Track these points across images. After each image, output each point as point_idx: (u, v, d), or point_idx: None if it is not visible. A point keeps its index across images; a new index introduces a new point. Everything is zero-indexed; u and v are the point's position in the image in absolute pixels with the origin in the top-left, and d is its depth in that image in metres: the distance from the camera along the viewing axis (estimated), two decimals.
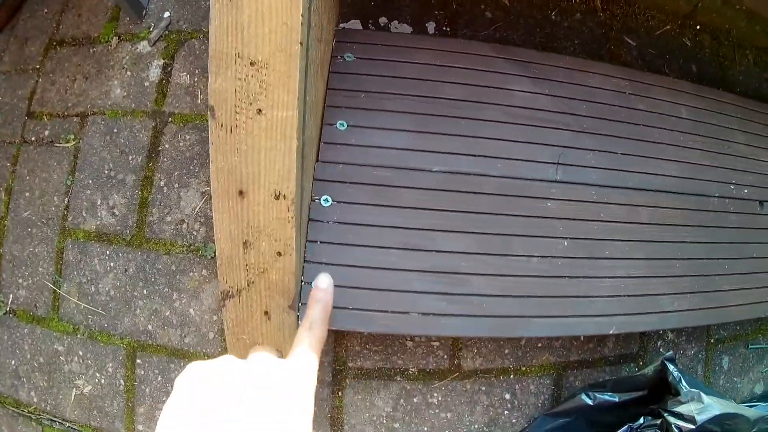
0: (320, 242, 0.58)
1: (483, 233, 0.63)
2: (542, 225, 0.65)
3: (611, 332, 0.64)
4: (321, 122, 0.64)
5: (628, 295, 0.66)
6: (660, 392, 0.71)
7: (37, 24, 0.94)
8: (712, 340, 0.94)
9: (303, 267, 0.57)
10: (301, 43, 0.42)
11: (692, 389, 0.66)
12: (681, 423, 0.65)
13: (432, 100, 0.67)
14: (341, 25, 0.79)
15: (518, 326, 0.61)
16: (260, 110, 0.43)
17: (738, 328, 0.97)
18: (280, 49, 0.42)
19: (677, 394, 0.67)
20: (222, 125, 0.44)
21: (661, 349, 0.89)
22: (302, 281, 0.56)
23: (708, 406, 0.67)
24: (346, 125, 0.64)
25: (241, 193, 0.47)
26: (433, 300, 0.59)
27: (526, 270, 0.62)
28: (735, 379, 0.97)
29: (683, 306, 0.69)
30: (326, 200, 0.60)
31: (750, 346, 1.01)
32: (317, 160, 0.62)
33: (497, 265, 0.62)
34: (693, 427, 0.65)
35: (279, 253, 0.49)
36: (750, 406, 0.83)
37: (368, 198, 0.61)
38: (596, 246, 0.66)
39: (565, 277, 0.63)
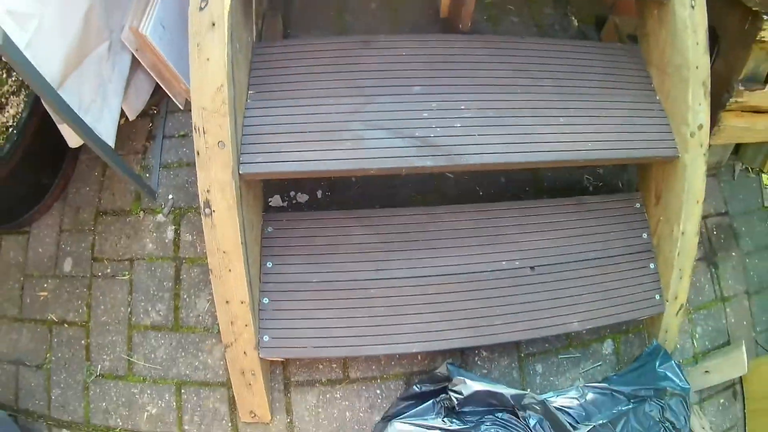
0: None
1: None
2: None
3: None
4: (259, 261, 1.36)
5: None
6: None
7: (84, 197, 1.58)
8: (523, 354, 1.47)
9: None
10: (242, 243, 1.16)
11: (459, 377, 1.43)
12: (455, 395, 1.41)
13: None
14: (269, 199, 1.52)
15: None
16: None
17: (547, 345, 1.49)
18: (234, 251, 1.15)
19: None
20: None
21: (478, 362, 1.48)
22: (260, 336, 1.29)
23: (470, 386, 1.25)
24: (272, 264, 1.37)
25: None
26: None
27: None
28: (552, 378, 1.47)
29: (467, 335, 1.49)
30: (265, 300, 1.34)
31: (560, 356, 1.50)
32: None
33: None
34: (462, 396, 1.33)
35: (246, 325, 1.23)
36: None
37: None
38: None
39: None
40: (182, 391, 1.46)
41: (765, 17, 1.44)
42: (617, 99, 1.42)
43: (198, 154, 1.15)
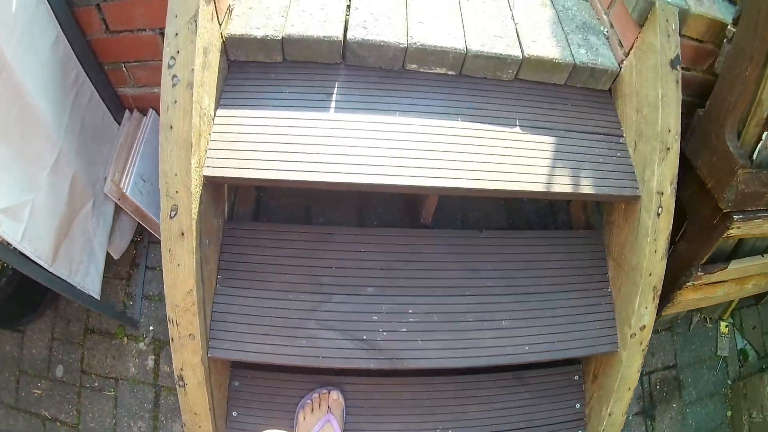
0: None
1: None
2: None
3: None
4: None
5: None
6: None
7: (73, 312, 1.83)
8: None
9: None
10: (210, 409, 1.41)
11: None
12: None
13: None
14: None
15: None
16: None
17: None
18: (203, 413, 1.41)
19: None
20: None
21: None
22: None
23: None
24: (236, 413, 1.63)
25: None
26: None
27: None
28: None
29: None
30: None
31: None
32: None
33: None
34: None
35: None
36: None
37: None
38: None
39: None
40: None
41: (735, 217, 1.53)
42: (568, 295, 1.55)
43: (172, 340, 1.37)
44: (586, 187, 1.39)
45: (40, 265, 1.34)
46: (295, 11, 1.43)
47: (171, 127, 1.22)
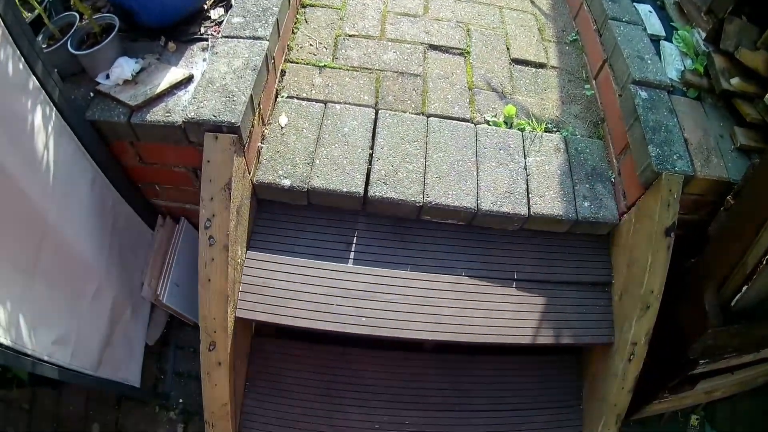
0: None
1: None
2: None
3: None
4: None
5: None
6: None
7: None
8: None
9: None
10: None
11: None
12: None
13: None
14: None
15: None
16: None
17: None
18: None
19: None
20: None
21: None
22: None
23: None
24: None
25: None
26: None
27: None
28: None
29: None
30: None
31: None
32: None
33: None
34: None
35: None
36: None
37: None
38: None
39: None
40: None
41: (701, 361, 1.77)
42: (543, 412, 1.87)
43: None
44: (567, 338, 1.66)
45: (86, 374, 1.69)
46: (320, 159, 1.68)
47: (209, 280, 1.51)
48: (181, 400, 2.15)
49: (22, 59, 1.18)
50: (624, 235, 1.73)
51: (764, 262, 1.54)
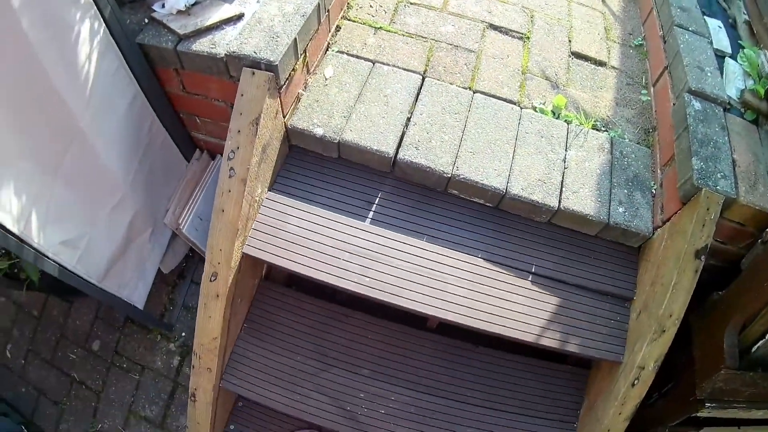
0: None
1: None
2: None
3: None
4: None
5: None
6: None
7: None
8: None
9: None
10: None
11: None
12: None
13: None
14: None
15: None
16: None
17: None
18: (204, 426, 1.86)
19: None
20: None
21: None
22: None
23: None
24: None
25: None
26: None
27: None
28: None
29: None
30: None
31: None
32: None
33: None
34: None
35: None
36: None
37: None
38: None
39: None
40: None
41: (707, 404, 1.65)
42: (535, 421, 1.81)
43: (193, 366, 1.78)
44: (573, 346, 1.60)
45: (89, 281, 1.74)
46: (357, 114, 1.69)
47: (223, 211, 1.54)
48: (183, 333, 2.21)
49: None
50: (654, 251, 1.66)
51: None
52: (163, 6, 1.60)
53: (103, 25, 1.42)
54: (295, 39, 1.55)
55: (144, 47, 1.59)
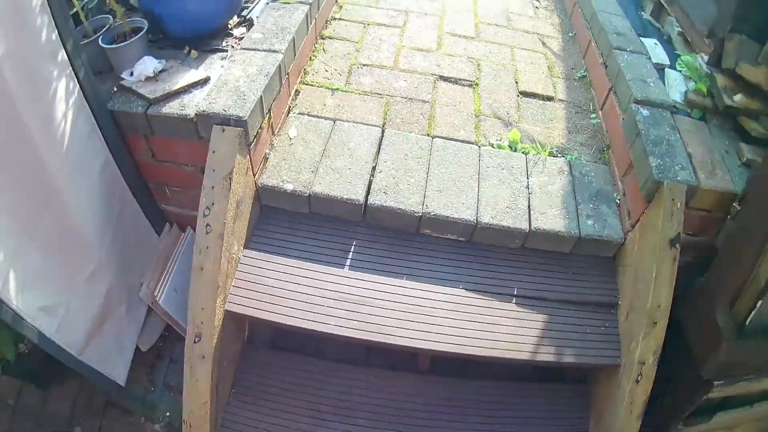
0: None
1: None
2: None
3: None
4: None
5: None
6: None
7: None
8: None
9: None
10: None
11: None
12: None
13: None
14: None
15: None
16: None
17: None
18: None
19: None
20: None
21: None
22: None
23: None
24: None
25: None
26: None
27: None
28: None
29: None
30: None
31: None
32: None
33: None
34: None
35: None
36: None
37: None
38: None
39: None
40: None
41: (716, 383, 1.69)
42: None
43: None
44: (569, 357, 1.63)
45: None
46: (324, 168, 1.79)
47: (202, 269, 1.57)
48: (168, 414, 2.14)
49: (56, 30, 1.35)
50: (629, 254, 1.73)
51: None
52: (131, 74, 1.70)
53: (78, 86, 1.50)
54: (261, 97, 1.66)
55: (114, 114, 1.67)
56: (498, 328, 1.66)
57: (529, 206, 1.77)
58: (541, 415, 1.81)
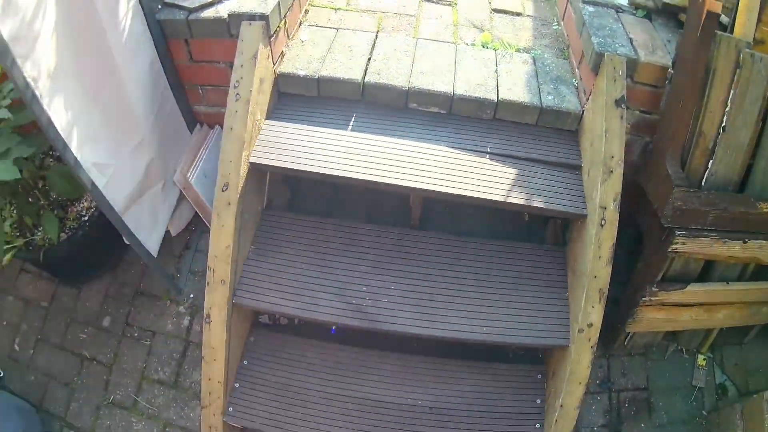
0: None
1: None
2: None
3: None
4: None
5: None
6: None
7: (129, 277, 2.60)
8: None
9: None
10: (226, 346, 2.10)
11: None
12: None
13: None
14: (259, 317, 2.47)
15: None
16: None
17: None
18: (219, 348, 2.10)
19: None
20: None
21: None
22: None
23: None
24: (248, 362, 2.32)
25: None
26: None
27: None
28: None
29: None
30: None
31: None
32: None
33: None
34: None
35: (218, 397, 2.19)
36: None
37: None
38: None
39: None
40: (167, 430, 2.37)
41: (677, 233, 2.03)
42: (530, 294, 2.14)
43: (208, 284, 2.07)
44: (538, 202, 2.02)
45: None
46: (329, 60, 2.24)
47: (231, 129, 1.99)
48: (192, 295, 2.52)
49: None
50: (586, 122, 2.12)
51: (721, 131, 1.90)
52: None
53: None
54: (279, 2, 2.14)
55: (161, 22, 2.14)
56: (475, 175, 2.04)
57: (497, 84, 2.20)
58: (526, 269, 2.20)
